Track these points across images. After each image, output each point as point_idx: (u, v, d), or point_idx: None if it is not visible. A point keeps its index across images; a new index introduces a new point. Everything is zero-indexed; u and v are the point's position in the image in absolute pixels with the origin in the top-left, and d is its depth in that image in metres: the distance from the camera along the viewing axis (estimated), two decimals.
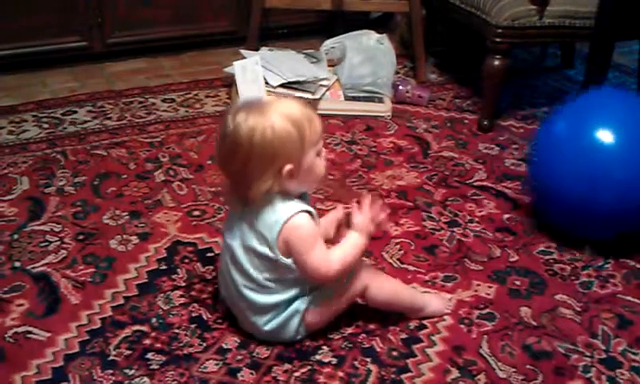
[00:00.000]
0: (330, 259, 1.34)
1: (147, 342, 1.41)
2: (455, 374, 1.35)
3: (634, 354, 1.41)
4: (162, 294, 1.54)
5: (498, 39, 2.29)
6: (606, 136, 1.61)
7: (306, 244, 1.30)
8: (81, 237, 1.74)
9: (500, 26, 2.27)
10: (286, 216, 1.30)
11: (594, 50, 2.27)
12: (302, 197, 1.37)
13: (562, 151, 1.68)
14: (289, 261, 1.32)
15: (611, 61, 2.30)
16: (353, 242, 1.35)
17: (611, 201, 1.60)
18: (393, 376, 1.34)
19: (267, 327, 1.37)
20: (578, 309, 1.53)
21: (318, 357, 1.37)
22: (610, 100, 1.78)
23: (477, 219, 1.86)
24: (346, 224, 1.39)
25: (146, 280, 1.59)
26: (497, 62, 2.31)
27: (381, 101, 2.51)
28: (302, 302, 1.37)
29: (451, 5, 2.56)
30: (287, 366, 1.35)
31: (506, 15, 2.26)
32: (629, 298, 1.57)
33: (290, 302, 1.37)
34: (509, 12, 2.26)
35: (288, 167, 1.28)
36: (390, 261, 1.68)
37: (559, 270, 1.66)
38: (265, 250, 1.31)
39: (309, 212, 1.33)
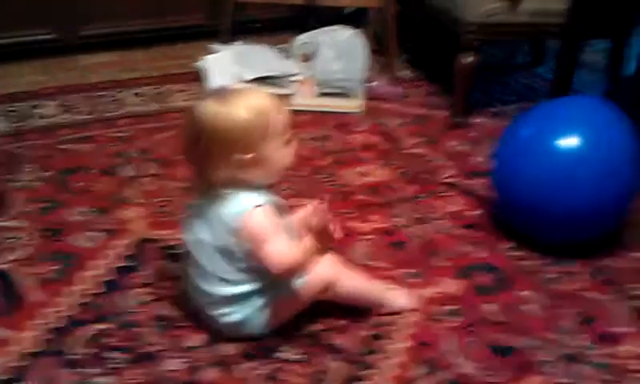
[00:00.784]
0: (286, 254, 1.32)
1: (112, 340, 1.39)
2: (421, 370, 1.35)
3: (596, 349, 1.43)
4: (128, 292, 1.53)
5: (469, 36, 2.30)
6: (569, 141, 1.63)
7: (261, 236, 1.30)
8: (47, 233, 1.72)
9: (472, 23, 2.28)
10: (245, 208, 1.30)
11: (564, 47, 2.29)
12: (267, 188, 1.37)
13: (525, 156, 1.69)
14: (248, 253, 1.32)
15: (580, 59, 2.32)
16: (307, 244, 1.35)
17: (572, 206, 1.62)
18: (358, 372, 1.34)
19: (230, 319, 1.36)
20: (542, 305, 1.55)
21: (282, 354, 1.37)
22: (574, 105, 1.79)
23: (446, 216, 1.87)
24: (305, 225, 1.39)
25: (113, 277, 1.57)
26: (468, 59, 2.32)
27: (353, 96, 2.52)
28: (264, 295, 1.37)
29: (424, 1, 2.57)
30: (253, 364, 1.35)
31: (479, 12, 2.27)
32: (592, 294, 1.59)
33: (252, 294, 1.36)
34: (481, 9, 2.27)
35: (249, 155, 1.29)
36: (360, 257, 1.68)
37: (525, 267, 1.68)
38: (226, 242, 1.32)
39: (271, 203, 1.33)
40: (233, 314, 1.37)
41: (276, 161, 1.34)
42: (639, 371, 1.38)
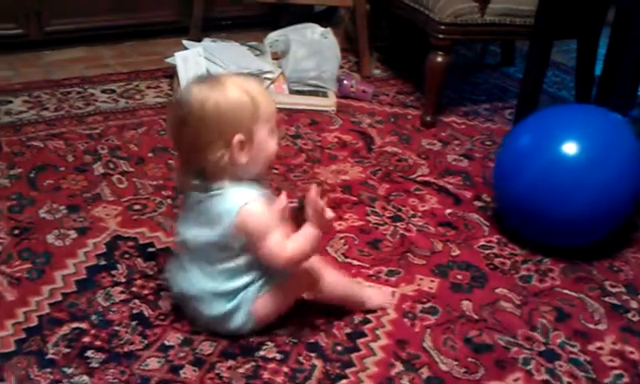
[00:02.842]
0: (285, 246, 1.32)
1: (86, 339, 1.37)
2: (399, 367, 1.36)
3: (572, 346, 1.44)
4: (101, 291, 1.50)
5: (440, 36, 2.31)
6: (569, 147, 1.63)
7: (260, 230, 1.29)
8: (16, 231, 1.68)
9: (443, 23, 2.29)
10: (240, 203, 1.29)
11: (534, 48, 2.32)
12: (257, 182, 1.36)
13: (524, 162, 1.69)
14: (240, 248, 1.31)
15: (550, 59, 2.35)
16: (308, 232, 1.33)
17: (573, 211, 1.63)
18: (337, 371, 1.33)
19: (215, 312, 1.35)
20: (518, 302, 1.56)
21: (262, 352, 1.36)
22: (574, 112, 1.81)
23: (419, 214, 1.88)
24: (294, 218, 1.38)
25: (85, 276, 1.54)
26: (439, 59, 2.34)
27: (325, 95, 2.51)
28: (251, 291, 1.36)
29: (395, 0, 2.58)
30: (231, 362, 1.33)
31: (449, 12, 2.29)
32: (566, 291, 1.61)
33: (240, 290, 1.35)
34: (451, 9, 2.29)
35: (238, 136, 1.28)
36: (335, 255, 1.68)
37: (499, 264, 1.69)
38: (219, 237, 1.30)
39: (264, 196, 1.32)
40: (220, 307, 1.35)
41: (264, 148, 1.33)
42: (615, 367, 1.40)
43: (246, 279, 1.35)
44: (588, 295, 1.60)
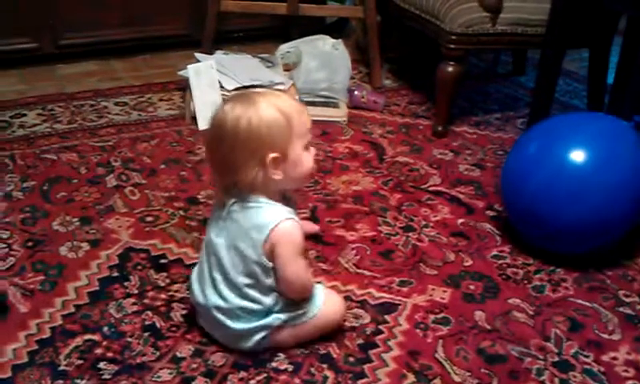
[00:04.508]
0: (308, 274, 1.34)
1: (99, 351, 1.37)
2: (411, 378, 1.35)
3: (585, 356, 1.43)
4: (113, 302, 1.51)
5: (451, 46, 2.31)
6: (577, 155, 1.63)
7: (291, 252, 1.30)
8: (30, 243, 1.69)
9: (454, 33, 2.29)
10: (276, 220, 1.29)
11: (545, 57, 2.31)
12: (288, 203, 1.36)
13: (533, 168, 1.69)
14: (270, 265, 1.31)
15: (561, 68, 2.35)
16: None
17: (583, 218, 1.62)
18: (349, 382, 1.33)
19: (235, 327, 1.34)
20: (531, 312, 1.55)
21: (274, 364, 1.36)
22: (583, 119, 1.81)
23: (431, 224, 1.88)
24: None
25: (98, 288, 1.55)
26: (450, 69, 2.34)
27: (336, 106, 2.52)
28: (276, 318, 1.35)
29: (406, 11, 2.58)
30: (243, 374, 1.33)
31: (460, 22, 2.29)
32: (580, 301, 1.60)
33: (263, 313, 1.35)
34: (462, 19, 2.29)
35: (273, 155, 1.28)
36: (346, 266, 1.68)
37: (512, 274, 1.68)
38: (250, 251, 1.30)
39: (296, 219, 1.33)
40: (240, 324, 1.34)
41: (300, 164, 1.33)
42: (629, 378, 1.39)
43: (268, 301, 1.34)
44: (602, 305, 1.59)
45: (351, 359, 1.38)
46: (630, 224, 1.71)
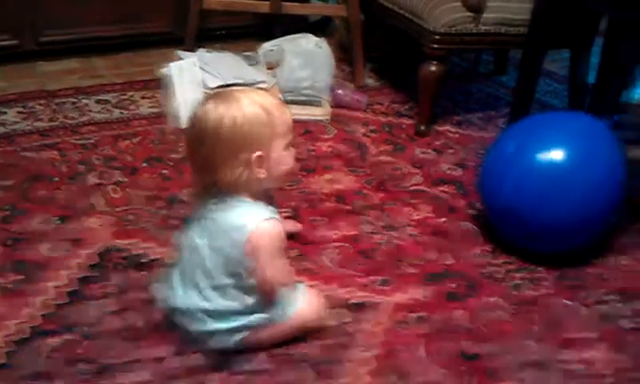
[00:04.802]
0: (289, 273, 1.35)
1: (78, 351, 1.36)
2: (392, 377, 1.35)
3: (564, 354, 1.44)
4: (93, 302, 1.50)
5: (434, 45, 2.32)
6: (554, 154, 1.64)
7: (272, 252, 1.30)
8: (9, 242, 1.67)
9: (437, 33, 2.30)
10: (257, 220, 1.29)
11: (527, 57, 2.33)
12: (270, 202, 1.36)
13: (510, 168, 1.70)
14: (252, 264, 1.30)
15: (542, 68, 2.36)
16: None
17: (561, 217, 1.64)
18: (329, 381, 1.33)
19: (217, 326, 1.33)
20: (511, 311, 1.56)
21: (254, 364, 1.35)
22: (561, 119, 1.82)
23: (413, 223, 1.88)
24: None
25: (77, 287, 1.54)
26: (433, 68, 2.34)
27: (319, 105, 2.52)
28: (257, 317, 1.35)
29: (389, 11, 2.58)
30: (223, 374, 1.33)
31: (443, 22, 2.29)
32: (559, 299, 1.61)
33: (245, 313, 1.34)
34: (445, 18, 2.30)
35: (257, 153, 1.27)
36: (329, 265, 1.68)
37: (492, 273, 1.69)
38: (231, 251, 1.30)
39: (277, 219, 1.32)
40: (215, 325, 1.34)
41: (281, 163, 1.32)
42: (605, 376, 1.40)
43: (251, 300, 1.34)
44: (580, 303, 1.60)
45: (331, 358, 1.39)
46: (608, 223, 1.73)
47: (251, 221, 1.29)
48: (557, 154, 1.64)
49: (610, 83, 2.19)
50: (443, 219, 1.91)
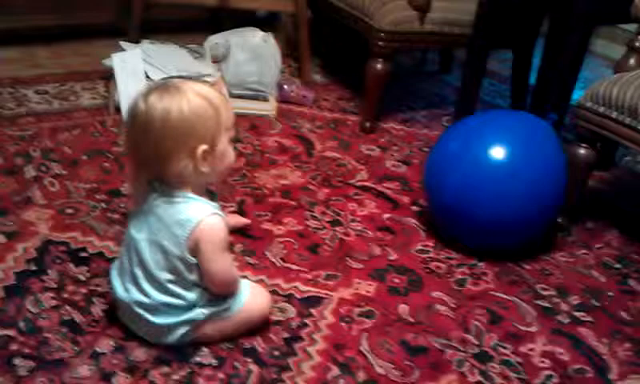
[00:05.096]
0: (233, 269, 1.33)
1: (14, 347, 1.32)
2: (335, 371, 1.36)
3: (504, 348, 1.47)
4: (31, 297, 1.45)
5: (380, 43, 2.34)
6: (496, 152, 1.66)
7: (216, 248, 1.28)
8: None
9: (383, 31, 2.32)
10: (199, 215, 1.26)
11: (471, 57, 2.37)
12: (212, 197, 1.34)
13: (453, 165, 1.72)
14: (194, 261, 1.28)
15: (486, 68, 2.41)
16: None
17: (502, 215, 1.67)
18: (274, 375, 1.32)
19: (157, 322, 1.31)
20: (453, 305, 1.58)
21: (197, 359, 1.34)
22: (500, 118, 1.85)
23: (358, 218, 1.89)
24: None
25: (14, 282, 1.49)
26: (379, 66, 2.36)
27: (266, 99, 2.51)
28: (199, 313, 1.33)
29: (336, 8, 2.59)
30: (165, 369, 1.30)
31: (389, 20, 2.31)
32: (500, 294, 1.65)
33: (186, 308, 1.32)
34: (391, 17, 2.31)
35: (203, 147, 1.25)
36: (273, 260, 1.67)
37: (435, 268, 1.71)
38: (172, 247, 1.27)
39: (221, 215, 1.30)
40: (163, 319, 1.31)
41: (225, 157, 1.30)
42: (545, 368, 1.43)
43: (192, 295, 1.32)
44: (520, 298, 1.64)
45: (276, 353, 1.38)
46: (548, 220, 1.77)
47: (194, 216, 1.27)
48: (499, 153, 1.66)
49: (551, 84, 2.25)
50: (387, 215, 1.93)
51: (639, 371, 1.45)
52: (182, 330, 1.33)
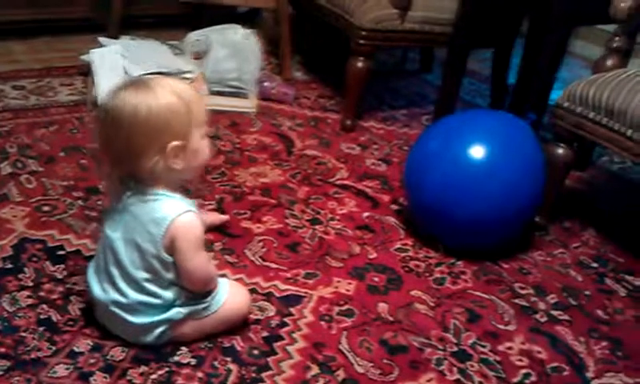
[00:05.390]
0: (210, 266, 1.33)
1: None
2: (315, 370, 1.35)
3: (482, 346, 1.48)
4: (7, 295, 1.43)
5: (361, 41, 2.34)
6: (475, 151, 1.67)
7: (191, 245, 1.27)
8: None
9: (363, 28, 2.32)
10: (174, 213, 1.25)
11: (451, 56, 2.37)
12: (187, 194, 1.33)
13: (432, 164, 1.73)
14: (170, 259, 1.27)
15: (466, 67, 2.41)
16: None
17: (480, 214, 1.67)
18: (253, 375, 1.32)
19: (135, 321, 1.30)
20: (432, 304, 1.59)
21: (176, 358, 1.33)
22: (480, 118, 1.86)
23: (338, 217, 1.89)
24: None
25: None
26: (360, 64, 2.36)
27: (246, 97, 2.50)
28: (177, 312, 1.32)
29: (318, 5, 2.59)
30: (143, 369, 1.30)
31: (370, 18, 2.31)
32: (478, 293, 1.65)
33: (164, 307, 1.31)
34: (372, 15, 2.32)
35: (174, 143, 1.24)
36: (253, 258, 1.66)
37: (414, 267, 1.72)
38: (148, 245, 1.26)
39: (196, 209, 1.30)
40: (140, 318, 1.30)
41: (198, 153, 1.29)
42: (523, 367, 1.44)
43: (168, 295, 1.31)
44: (498, 297, 1.65)
45: (255, 352, 1.38)
46: (526, 219, 1.78)
47: (169, 214, 1.26)
48: (479, 152, 1.67)
49: (531, 83, 2.27)
50: (367, 214, 1.93)
51: (615, 369, 1.47)
52: (159, 330, 1.32)
